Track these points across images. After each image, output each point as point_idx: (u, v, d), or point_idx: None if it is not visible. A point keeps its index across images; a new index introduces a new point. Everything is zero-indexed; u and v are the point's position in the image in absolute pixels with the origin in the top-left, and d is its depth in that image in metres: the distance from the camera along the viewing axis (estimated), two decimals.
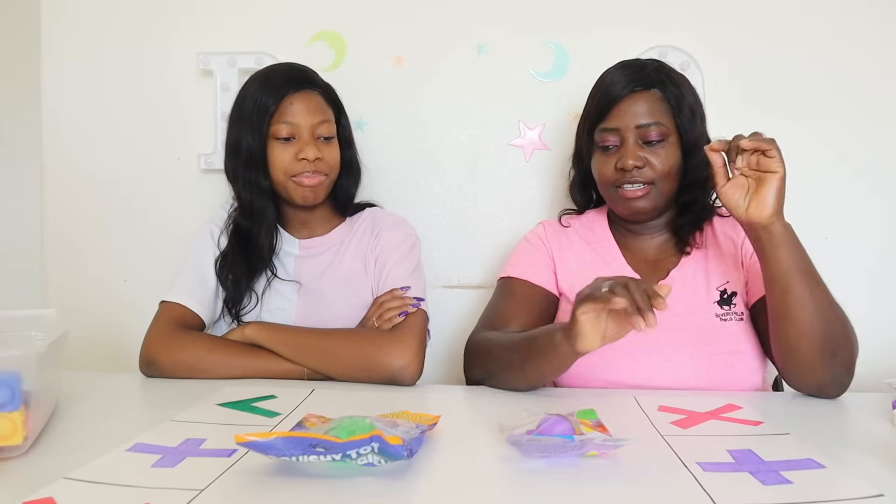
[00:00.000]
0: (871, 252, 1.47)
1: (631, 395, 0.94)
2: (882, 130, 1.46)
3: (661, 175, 1.06)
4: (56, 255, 1.57)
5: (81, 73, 1.54)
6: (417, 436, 0.67)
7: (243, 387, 0.96)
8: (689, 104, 1.07)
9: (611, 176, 1.08)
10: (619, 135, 1.06)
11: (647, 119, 1.05)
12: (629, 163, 1.04)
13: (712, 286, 1.07)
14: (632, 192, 1.06)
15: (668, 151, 1.06)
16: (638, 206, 1.07)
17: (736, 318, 1.05)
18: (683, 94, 1.07)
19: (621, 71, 1.10)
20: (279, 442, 0.61)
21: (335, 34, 1.50)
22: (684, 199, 1.11)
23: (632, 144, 1.05)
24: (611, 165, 1.07)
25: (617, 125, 1.06)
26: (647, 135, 1.05)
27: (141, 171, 1.55)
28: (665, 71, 1.10)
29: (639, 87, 1.06)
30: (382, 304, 1.11)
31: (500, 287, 1.17)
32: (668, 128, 1.06)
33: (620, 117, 1.06)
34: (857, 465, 0.67)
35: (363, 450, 0.61)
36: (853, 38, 1.45)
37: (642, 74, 1.07)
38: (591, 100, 1.13)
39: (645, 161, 1.05)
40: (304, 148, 1.13)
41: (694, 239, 1.11)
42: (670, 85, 1.07)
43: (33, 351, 0.71)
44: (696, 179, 1.09)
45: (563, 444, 0.66)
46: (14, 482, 0.62)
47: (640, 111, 1.05)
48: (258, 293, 1.17)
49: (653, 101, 1.06)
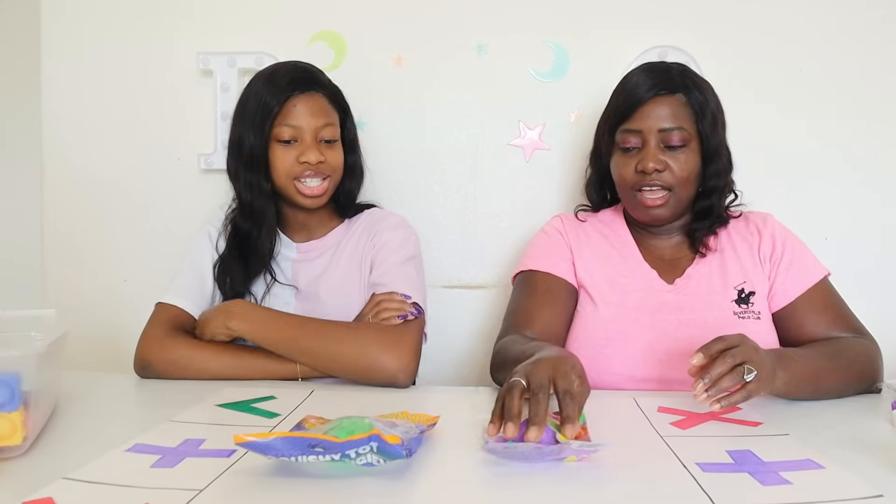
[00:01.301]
0: (871, 252, 1.47)
1: (630, 395, 0.94)
2: (882, 130, 1.46)
3: (680, 181, 1.06)
4: (56, 255, 1.57)
5: (81, 72, 1.54)
6: (416, 436, 0.67)
7: (243, 387, 0.96)
8: (711, 110, 1.07)
9: (630, 178, 1.08)
10: (642, 137, 1.06)
11: (669, 123, 1.05)
12: (650, 165, 1.04)
13: (729, 285, 1.08)
14: (651, 200, 1.07)
15: (688, 157, 1.06)
16: (656, 214, 1.08)
17: (754, 316, 1.06)
18: (707, 101, 1.07)
19: (647, 73, 1.09)
20: (278, 442, 0.61)
21: (335, 34, 1.50)
22: (701, 204, 1.11)
23: (653, 147, 1.05)
24: (631, 167, 1.07)
25: (640, 127, 1.06)
26: (669, 139, 1.05)
27: (141, 171, 1.55)
28: (690, 76, 1.09)
29: (663, 91, 1.06)
30: (380, 303, 1.09)
31: (520, 283, 1.15)
32: (690, 133, 1.06)
33: (643, 119, 1.06)
34: (856, 466, 0.67)
35: (362, 449, 0.61)
36: (853, 38, 1.45)
37: (667, 78, 1.07)
38: (614, 99, 1.12)
39: (665, 165, 1.05)
40: (306, 151, 1.12)
41: (707, 242, 1.12)
42: (695, 90, 1.07)
43: (33, 351, 0.71)
44: (714, 187, 1.09)
45: (539, 450, 0.66)
46: (14, 482, 0.62)
47: (664, 115, 1.05)
48: (257, 297, 1.17)
49: (676, 105, 1.06)
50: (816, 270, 1.08)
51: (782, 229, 1.13)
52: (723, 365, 0.78)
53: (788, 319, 1.06)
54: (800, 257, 1.09)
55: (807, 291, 1.06)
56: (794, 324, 1.06)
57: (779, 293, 1.07)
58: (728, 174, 1.12)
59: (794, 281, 1.07)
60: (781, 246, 1.10)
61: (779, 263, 1.08)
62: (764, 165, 1.45)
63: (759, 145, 1.45)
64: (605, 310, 1.08)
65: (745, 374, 0.79)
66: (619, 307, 1.08)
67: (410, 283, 1.13)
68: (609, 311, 1.08)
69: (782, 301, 1.07)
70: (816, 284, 1.07)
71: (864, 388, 0.98)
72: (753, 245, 1.11)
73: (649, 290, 1.09)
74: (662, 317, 1.06)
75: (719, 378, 0.78)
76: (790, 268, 1.08)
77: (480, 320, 1.53)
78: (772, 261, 1.09)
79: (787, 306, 1.07)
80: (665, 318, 1.06)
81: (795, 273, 1.07)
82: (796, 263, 1.08)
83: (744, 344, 0.81)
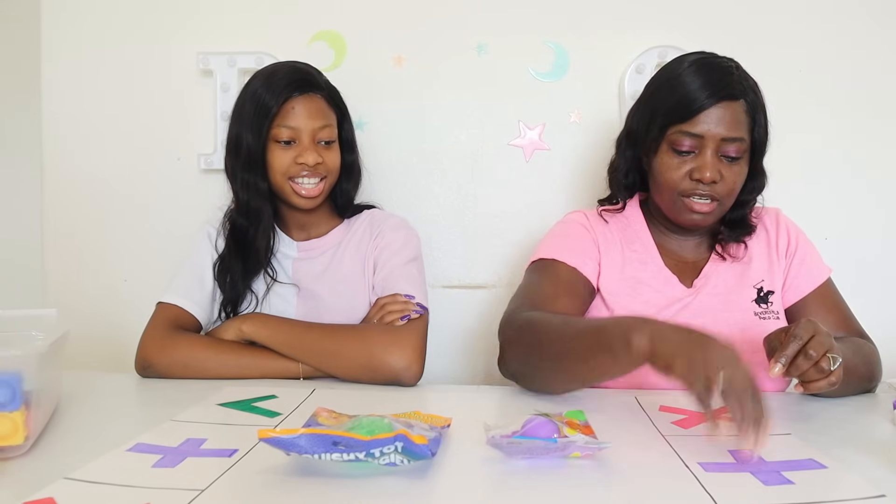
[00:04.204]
0: (871, 252, 1.47)
1: (632, 395, 0.94)
2: (882, 130, 1.46)
3: (729, 193, 1.01)
4: (56, 255, 1.56)
5: (81, 73, 1.54)
6: (436, 437, 0.66)
7: (244, 387, 0.96)
8: (763, 117, 1.03)
9: (682, 183, 1.01)
10: (700, 143, 0.99)
11: (733, 133, 0.98)
12: (707, 175, 0.98)
13: (748, 284, 1.07)
14: (699, 206, 1.01)
15: (741, 169, 1.02)
16: (699, 221, 1.03)
17: (773, 316, 1.05)
18: (759, 107, 1.02)
19: (708, 72, 1.00)
20: (303, 439, 0.61)
21: (335, 34, 1.50)
22: (733, 215, 1.08)
23: (711, 156, 0.99)
24: (683, 171, 1.01)
25: (702, 133, 0.98)
26: (728, 150, 0.99)
27: (141, 171, 1.55)
28: (747, 78, 1.03)
29: (728, 97, 0.98)
30: (384, 307, 1.10)
31: (539, 268, 1.07)
32: (747, 144, 1.01)
33: (707, 124, 0.98)
34: (858, 466, 0.67)
35: (386, 449, 0.60)
36: (853, 39, 1.45)
37: (730, 81, 0.99)
38: (668, 94, 1.02)
39: (721, 176, 0.99)
40: (303, 152, 1.12)
41: (730, 250, 1.09)
42: (752, 94, 1.01)
43: (34, 351, 0.71)
44: (748, 201, 1.07)
45: (545, 446, 0.65)
46: (14, 482, 0.62)
47: (728, 123, 0.98)
48: (258, 296, 1.17)
49: (739, 112, 0.99)
50: (824, 268, 1.09)
51: (793, 224, 1.13)
52: (805, 361, 0.77)
53: (798, 315, 1.05)
54: (810, 253, 1.09)
55: (817, 288, 1.06)
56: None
57: (791, 288, 1.07)
58: (763, 188, 1.08)
59: (806, 276, 1.07)
60: (795, 241, 1.09)
61: (793, 258, 1.08)
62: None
63: None
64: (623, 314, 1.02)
65: (832, 364, 0.77)
66: (640, 312, 1.03)
67: (413, 284, 1.14)
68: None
69: (794, 296, 1.07)
70: (825, 282, 1.07)
71: (864, 390, 0.98)
72: (770, 241, 1.10)
73: (670, 295, 1.06)
74: (683, 320, 1.01)
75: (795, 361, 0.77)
76: (802, 263, 1.08)
77: (480, 320, 1.53)
78: (787, 255, 1.08)
79: (798, 302, 1.06)
80: (686, 323, 1.02)
81: (807, 269, 1.07)
82: (808, 259, 1.08)
83: (818, 333, 0.78)
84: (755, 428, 0.65)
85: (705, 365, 0.68)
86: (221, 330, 1.09)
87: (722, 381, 0.67)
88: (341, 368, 1.04)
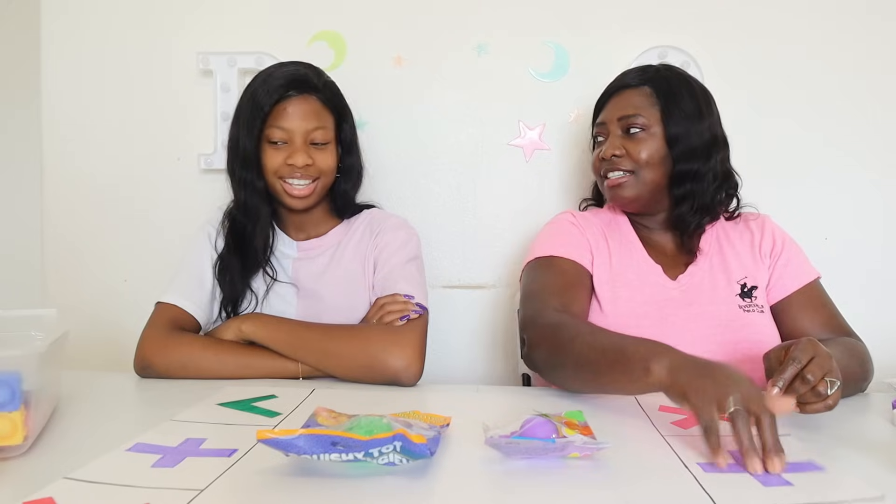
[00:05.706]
0: (872, 252, 1.47)
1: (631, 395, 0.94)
2: (883, 130, 1.46)
3: (641, 163, 1.09)
4: (56, 255, 1.57)
5: (81, 73, 1.54)
6: (435, 436, 0.66)
7: (243, 387, 0.96)
8: (684, 103, 1.09)
9: (597, 166, 1.15)
10: (606, 128, 1.13)
11: (628, 111, 1.10)
12: (608, 152, 1.10)
13: (732, 280, 1.10)
14: (614, 181, 1.11)
15: (648, 142, 1.09)
16: (619, 194, 1.11)
17: (757, 309, 1.07)
18: (676, 94, 1.09)
19: (622, 74, 1.16)
20: (301, 440, 0.61)
21: (335, 34, 1.50)
22: (678, 192, 1.11)
23: (613, 136, 1.12)
24: (597, 157, 1.14)
25: (604, 119, 1.14)
26: (626, 125, 1.10)
27: (141, 171, 1.55)
28: (664, 73, 1.13)
29: (632, 84, 1.12)
30: (384, 307, 1.10)
31: (541, 265, 1.10)
32: (650, 120, 1.09)
33: (608, 111, 1.14)
34: (857, 466, 0.67)
35: (385, 448, 0.60)
36: (854, 38, 1.45)
37: (636, 74, 1.13)
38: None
39: (624, 150, 1.09)
40: (294, 154, 1.13)
41: (699, 243, 1.13)
42: (663, 83, 1.10)
43: (33, 351, 0.71)
44: (685, 172, 1.09)
45: (543, 446, 0.65)
46: (14, 482, 0.62)
47: (623, 105, 1.11)
48: (258, 296, 1.17)
49: (638, 96, 1.11)
50: (811, 270, 1.12)
51: (780, 229, 1.17)
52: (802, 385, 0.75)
53: (783, 313, 1.09)
54: (796, 256, 1.12)
55: (803, 287, 1.09)
56: (788, 318, 1.08)
57: (776, 286, 1.10)
58: (705, 160, 1.09)
59: (791, 276, 1.10)
60: (781, 243, 1.13)
61: (778, 258, 1.11)
62: (764, 165, 1.45)
63: (759, 145, 1.46)
64: (613, 306, 1.08)
65: (829, 389, 0.75)
66: (628, 302, 1.08)
67: (413, 283, 1.14)
68: (617, 306, 1.08)
69: (779, 294, 1.09)
70: (811, 283, 1.10)
71: (859, 390, 0.98)
72: (754, 242, 1.14)
73: (655, 284, 1.10)
74: (670, 311, 1.07)
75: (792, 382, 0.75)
76: (788, 264, 1.11)
77: (480, 320, 1.53)
78: (772, 256, 1.12)
79: (784, 300, 1.09)
80: (673, 313, 1.07)
81: (793, 269, 1.10)
82: (793, 261, 1.11)
83: (817, 355, 0.76)
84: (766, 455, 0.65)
85: (717, 393, 0.69)
86: (221, 330, 1.09)
87: (732, 403, 0.67)
88: (341, 368, 1.04)
